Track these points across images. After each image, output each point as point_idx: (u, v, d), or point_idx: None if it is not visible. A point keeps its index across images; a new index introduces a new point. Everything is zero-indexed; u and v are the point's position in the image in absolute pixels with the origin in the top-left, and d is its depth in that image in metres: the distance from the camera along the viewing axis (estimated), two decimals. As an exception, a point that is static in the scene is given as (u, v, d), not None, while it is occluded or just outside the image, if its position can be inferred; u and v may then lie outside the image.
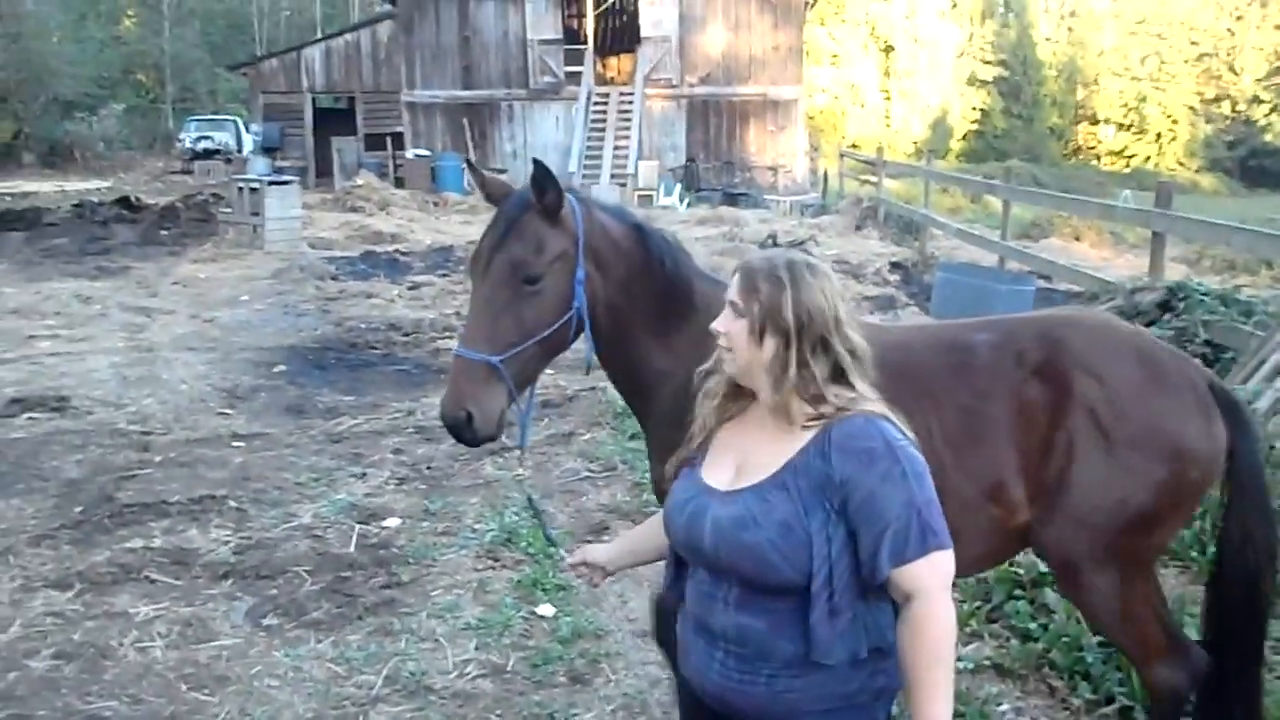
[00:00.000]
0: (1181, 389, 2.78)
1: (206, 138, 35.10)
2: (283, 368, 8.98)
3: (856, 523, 1.96)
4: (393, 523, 5.55)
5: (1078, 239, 19.92)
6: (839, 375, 2.03)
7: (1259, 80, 59.63)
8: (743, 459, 2.13)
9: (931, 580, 1.94)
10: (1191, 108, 59.60)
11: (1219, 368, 6.35)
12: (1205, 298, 7.02)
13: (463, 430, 2.71)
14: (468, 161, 2.92)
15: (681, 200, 26.14)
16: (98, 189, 27.02)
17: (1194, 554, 4.91)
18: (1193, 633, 3.32)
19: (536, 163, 2.74)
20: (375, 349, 9.76)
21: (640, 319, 2.90)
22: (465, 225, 19.97)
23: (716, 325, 2.14)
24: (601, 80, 30.96)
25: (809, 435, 2.03)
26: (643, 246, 2.91)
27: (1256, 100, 59.77)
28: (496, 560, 5.09)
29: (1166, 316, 7.11)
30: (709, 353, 2.25)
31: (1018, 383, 2.77)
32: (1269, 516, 2.93)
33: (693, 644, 2.17)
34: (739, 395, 2.18)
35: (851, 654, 2.01)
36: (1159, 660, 2.92)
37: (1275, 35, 59.69)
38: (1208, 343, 6.58)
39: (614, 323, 2.89)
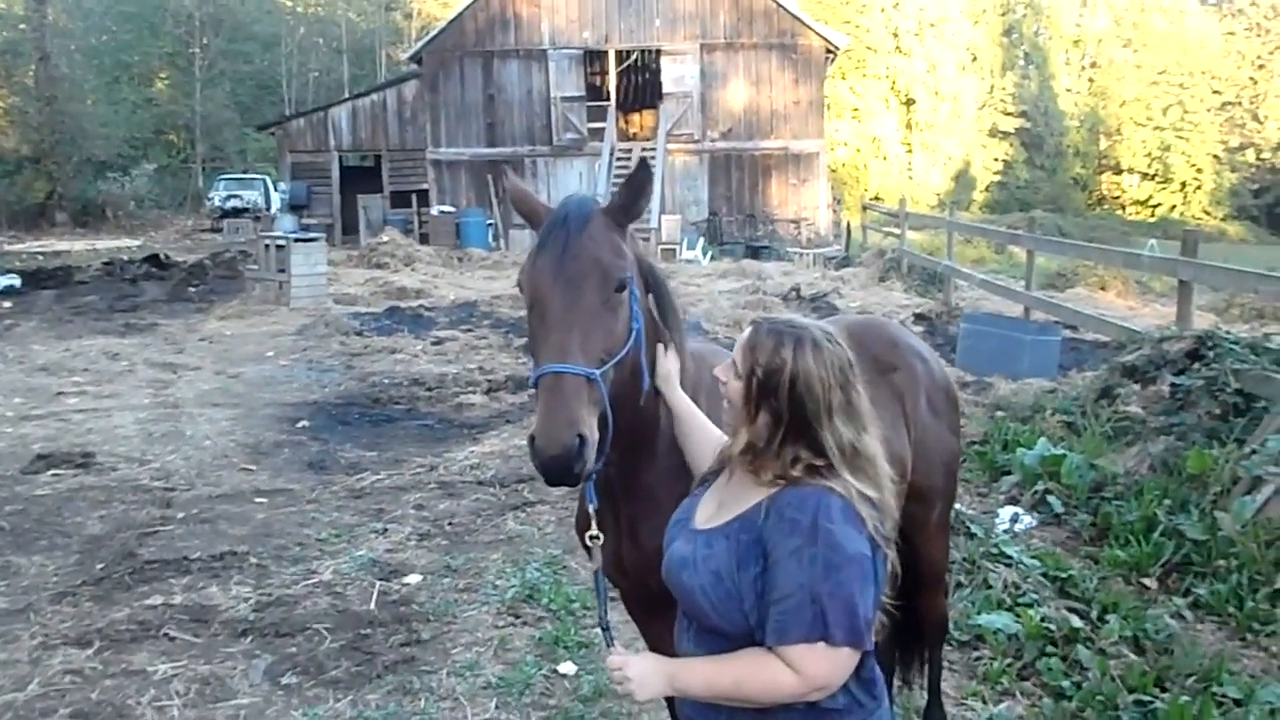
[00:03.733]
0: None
1: (235, 196, 35.66)
2: (306, 423, 8.99)
3: (763, 586, 1.96)
4: (413, 579, 5.51)
5: (1103, 289, 19.76)
6: (819, 453, 2.00)
7: (1283, 128, 59.58)
8: (723, 499, 2.14)
9: (806, 667, 1.91)
10: (1216, 156, 59.50)
11: (1250, 417, 6.25)
12: (1235, 346, 6.92)
13: (573, 460, 2.14)
14: (507, 170, 2.57)
15: (705, 254, 26.24)
16: (128, 247, 27.49)
17: (1231, 608, 4.80)
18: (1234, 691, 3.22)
19: (643, 162, 2.47)
20: (399, 404, 9.77)
21: (649, 355, 2.57)
22: (489, 281, 20.08)
23: (718, 372, 2.16)
24: (624, 136, 31.34)
25: (768, 492, 2.03)
26: (652, 282, 2.64)
27: (1281, 148, 59.67)
28: (518, 617, 5.03)
29: (1196, 366, 7.01)
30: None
31: (886, 378, 3.23)
32: None
33: None
34: None
35: (806, 704, 1.99)
36: (942, 591, 3.68)
37: (1298, 84, 59.70)
38: (1239, 391, 6.47)
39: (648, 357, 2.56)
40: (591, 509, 2.48)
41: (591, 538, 2.45)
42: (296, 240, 16.74)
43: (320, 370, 11.39)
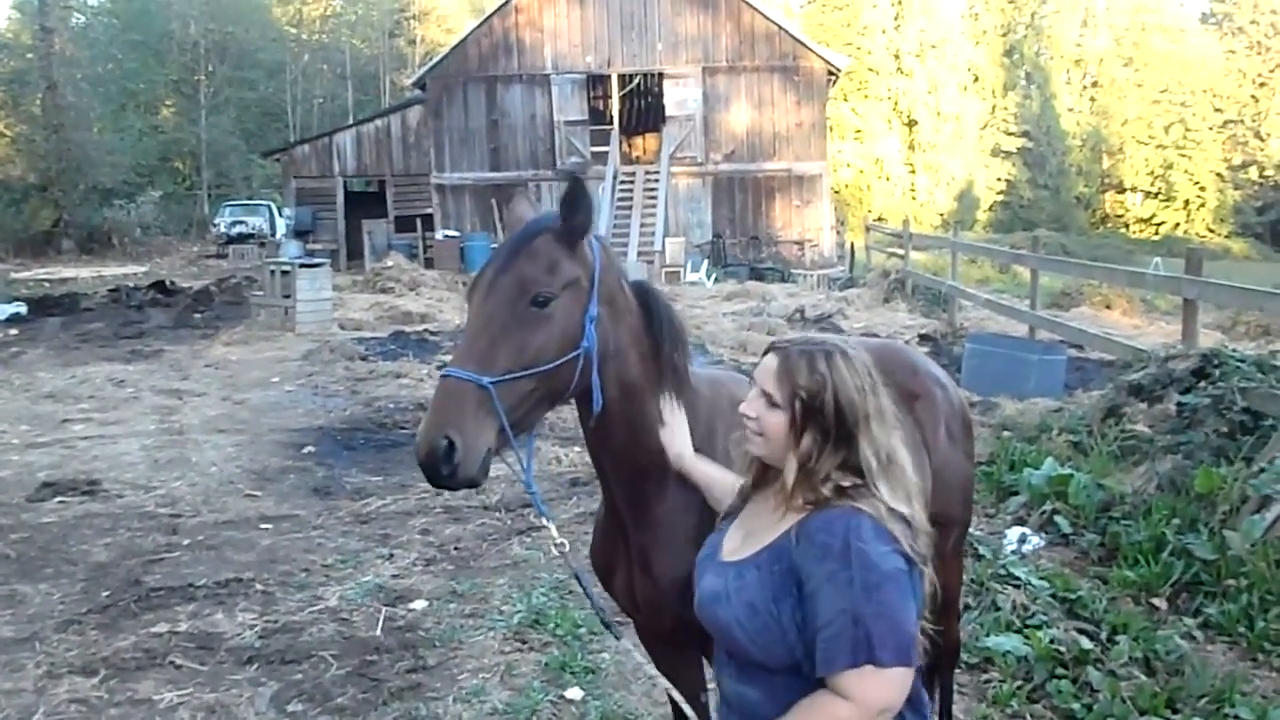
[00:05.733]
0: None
1: (241, 222, 35.86)
2: (311, 449, 8.99)
3: (805, 614, 1.92)
4: (419, 605, 5.49)
5: (1108, 307, 19.73)
6: (851, 470, 1.99)
7: (1286, 145, 59.70)
8: (749, 529, 2.12)
9: (860, 693, 1.86)
10: (1219, 174, 59.57)
11: (1258, 435, 6.22)
12: (1241, 364, 6.90)
13: (440, 463, 2.21)
14: (520, 196, 2.67)
15: (709, 276, 26.30)
16: (134, 274, 27.58)
17: (1241, 628, 4.77)
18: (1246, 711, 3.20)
19: (573, 178, 2.45)
20: (404, 429, 9.75)
21: (648, 383, 2.55)
22: (494, 304, 20.06)
23: (746, 409, 2.11)
24: (627, 159, 31.41)
25: (796, 518, 2.00)
26: (647, 307, 2.60)
27: (1284, 165, 59.76)
28: (524, 642, 5.01)
29: (1202, 384, 6.99)
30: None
31: (909, 407, 3.15)
32: None
33: (720, 706, 2.19)
34: (767, 469, 2.16)
35: None
36: (955, 616, 3.64)
37: (1300, 101, 59.86)
38: (1246, 410, 6.45)
39: (623, 380, 2.51)
40: (547, 523, 2.62)
41: (556, 544, 2.56)
42: (301, 266, 16.80)
43: (325, 395, 11.39)
